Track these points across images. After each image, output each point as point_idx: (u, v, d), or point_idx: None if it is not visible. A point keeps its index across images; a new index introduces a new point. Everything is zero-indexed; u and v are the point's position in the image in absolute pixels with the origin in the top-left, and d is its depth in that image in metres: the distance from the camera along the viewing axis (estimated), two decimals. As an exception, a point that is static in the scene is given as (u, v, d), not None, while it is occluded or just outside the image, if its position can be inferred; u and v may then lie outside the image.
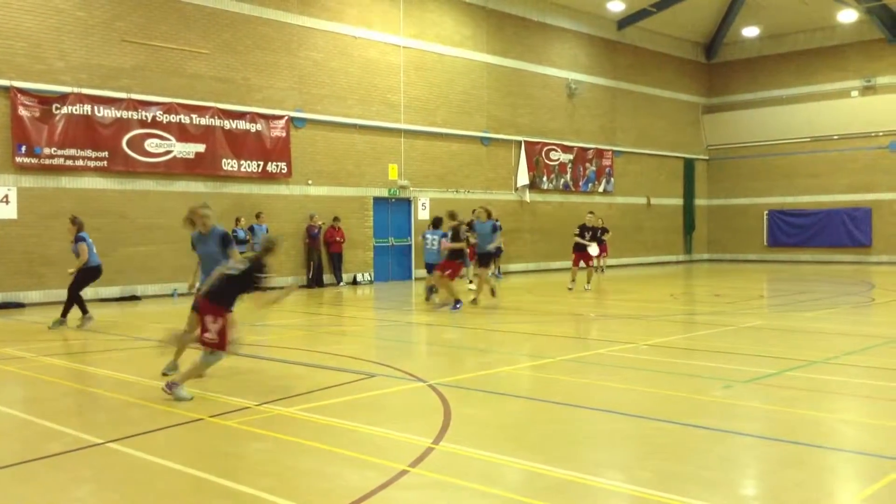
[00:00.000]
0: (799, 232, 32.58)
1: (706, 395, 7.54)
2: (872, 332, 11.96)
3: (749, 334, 11.85)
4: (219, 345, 7.45)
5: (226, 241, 8.71)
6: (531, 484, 5.12)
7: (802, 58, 32.49)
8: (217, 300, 7.53)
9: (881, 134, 30.53)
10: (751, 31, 32.65)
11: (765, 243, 33.46)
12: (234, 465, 5.53)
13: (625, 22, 30.39)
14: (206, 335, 7.44)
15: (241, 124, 20.07)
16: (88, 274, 12.98)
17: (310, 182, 21.53)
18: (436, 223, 17.44)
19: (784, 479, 5.16)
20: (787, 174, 32.90)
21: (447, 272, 15.06)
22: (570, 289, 18.86)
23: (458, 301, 14.89)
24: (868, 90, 30.97)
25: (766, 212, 33.44)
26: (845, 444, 6.03)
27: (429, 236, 17.15)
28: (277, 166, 20.77)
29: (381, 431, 6.25)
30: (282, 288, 8.21)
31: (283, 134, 20.84)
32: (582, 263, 19.17)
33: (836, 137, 31.60)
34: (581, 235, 18.95)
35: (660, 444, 5.94)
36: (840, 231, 31.45)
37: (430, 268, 16.89)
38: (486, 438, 6.10)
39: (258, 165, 20.40)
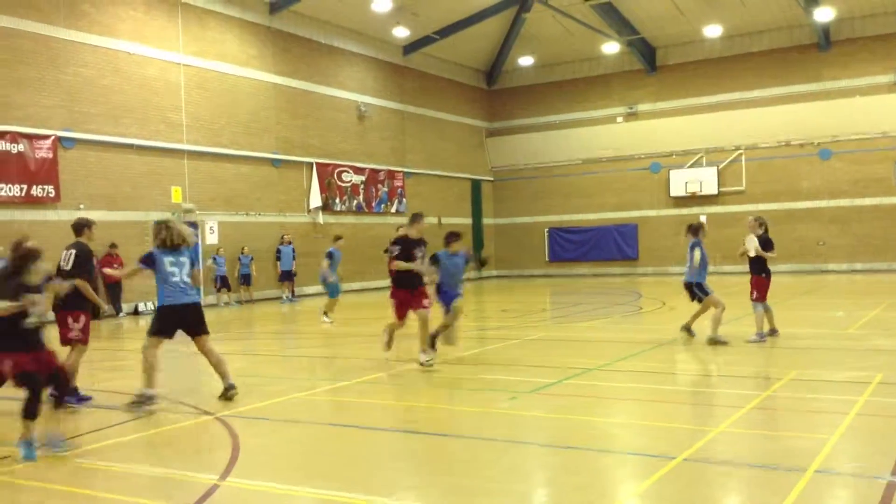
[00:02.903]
0: (576, 247, 34.95)
1: (494, 408, 7.81)
2: (640, 339, 13.00)
3: (532, 346, 12.48)
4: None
5: None
6: (323, 513, 5.02)
7: (572, 86, 35.01)
8: None
9: (643, 156, 33.56)
10: (526, 61, 34.73)
11: (546, 259, 35.54)
12: (-11, 525, 4.95)
13: (410, 48, 31.20)
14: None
15: (1, 144, 18.27)
16: None
17: (82, 206, 19.95)
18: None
19: (565, 484, 5.45)
20: (564, 194, 35.23)
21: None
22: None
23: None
24: (631, 116, 33.95)
25: (546, 229, 35.56)
26: (619, 445, 6.48)
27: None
28: (44, 190, 19.09)
29: (162, 472, 5.87)
30: None
31: (50, 155, 19.19)
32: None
33: (604, 160, 34.31)
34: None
35: (450, 460, 6.06)
36: (611, 246, 34.12)
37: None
38: (276, 469, 5.91)
39: (21, 189, 18.63)
